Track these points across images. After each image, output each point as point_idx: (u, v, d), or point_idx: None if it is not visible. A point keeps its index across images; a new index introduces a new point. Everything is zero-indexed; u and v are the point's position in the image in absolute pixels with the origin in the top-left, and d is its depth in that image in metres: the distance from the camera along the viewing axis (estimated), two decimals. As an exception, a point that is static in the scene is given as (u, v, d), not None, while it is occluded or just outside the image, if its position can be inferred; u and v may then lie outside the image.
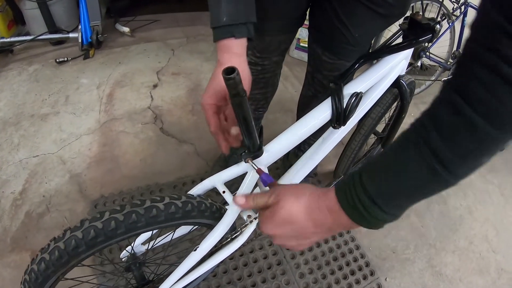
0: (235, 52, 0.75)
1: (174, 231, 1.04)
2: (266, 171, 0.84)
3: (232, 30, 0.73)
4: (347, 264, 1.69)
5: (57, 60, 2.34)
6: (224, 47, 0.74)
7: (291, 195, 0.60)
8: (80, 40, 2.43)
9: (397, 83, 1.21)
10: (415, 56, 1.19)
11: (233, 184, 0.94)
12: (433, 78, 2.90)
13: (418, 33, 1.00)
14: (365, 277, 1.66)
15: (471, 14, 2.64)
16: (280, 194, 0.62)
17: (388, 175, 0.50)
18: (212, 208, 0.90)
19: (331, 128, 1.03)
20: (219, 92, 0.74)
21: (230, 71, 0.56)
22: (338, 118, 0.94)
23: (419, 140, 0.46)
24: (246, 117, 0.66)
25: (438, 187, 0.48)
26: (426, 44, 2.55)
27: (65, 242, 0.72)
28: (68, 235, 0.73)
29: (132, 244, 1.02)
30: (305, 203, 0.59)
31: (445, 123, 0.43)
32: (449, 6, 2.58)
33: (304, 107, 1.57)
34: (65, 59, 2.37)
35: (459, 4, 2.58)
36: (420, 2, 2.35)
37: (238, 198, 0.68)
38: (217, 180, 0.89)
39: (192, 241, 1.50)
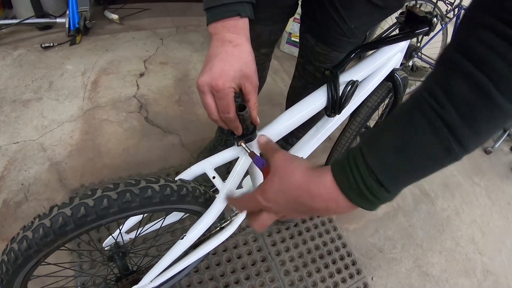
0: (246, 35, 0.68)
1: (164, 219, 0.99)
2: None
3: (237, 8, 0.67)
4: (334, 262, 1.66)
5: (43, 45, 2.26)
6: (228, 28, 0.67)
7: (285, 160, 0.57)
8: (67, 26, 2.34)
9: (391, 77, 1.20)
10: (407, 56, 1.19)
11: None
12: (423, 79, 2.90)
13: (415, 25, 0.99)
14: (351, 276, 1.63)
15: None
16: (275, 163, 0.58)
17: (399, 156, 0.46)
18: (206, 194, 0.86)
19: (325, 117, 1.01)
20: (244, 74, 0.65)
21: (241, 108, 0.65)
22: (334, 105, 0.91)
23: (435, 119, 0.42)
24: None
25: (448, 163, 0.45)
26: (419, 44, 2.55)
27: (51, 219, 0.67)
28: (55, 211, 0.68)
29: (119, 229, 0.97)
30: (301, 171, 0.54)
31: (463, 99, 0.40)
32: (443, 7, 2.59)
33: (294, 98, 1.53)
34: (51, 44, 2.29)
35: (453, 6, 2.59)
36: (414, 1, 2.34)
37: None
38: (207, 165, 0.84)
39: (175, 234, 1.45)
